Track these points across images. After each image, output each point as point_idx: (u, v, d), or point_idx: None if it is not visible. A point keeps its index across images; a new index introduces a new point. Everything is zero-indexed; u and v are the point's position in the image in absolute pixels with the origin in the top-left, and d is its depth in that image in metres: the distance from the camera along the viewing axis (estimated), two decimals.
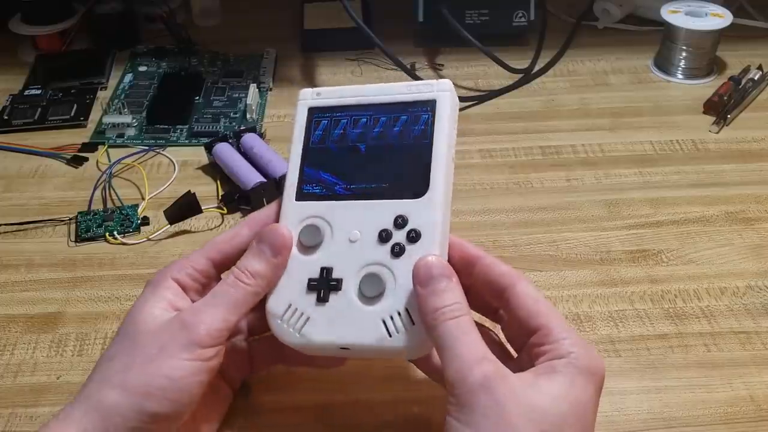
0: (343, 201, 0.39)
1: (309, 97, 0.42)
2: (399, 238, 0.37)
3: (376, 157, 0.40)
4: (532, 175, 0.61)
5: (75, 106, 0.70)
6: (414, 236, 0.37)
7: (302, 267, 0.38)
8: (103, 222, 0.56)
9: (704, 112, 0.68)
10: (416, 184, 0.38)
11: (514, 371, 0.33)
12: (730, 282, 0.51)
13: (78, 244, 0.55)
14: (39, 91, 0.72)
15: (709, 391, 0.44)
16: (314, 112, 0.42)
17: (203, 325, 0.35)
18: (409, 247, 0.37)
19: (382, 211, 0.38)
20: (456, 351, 0.33)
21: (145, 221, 0.57)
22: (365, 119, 0.41)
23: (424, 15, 0.77)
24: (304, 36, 0.80)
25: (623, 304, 0.49)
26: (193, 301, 0.38)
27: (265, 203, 0.58)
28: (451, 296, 0.34)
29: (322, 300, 0.37)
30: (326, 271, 0.37)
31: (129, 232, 0.56)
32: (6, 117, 0.69)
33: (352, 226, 0.38)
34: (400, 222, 0.37)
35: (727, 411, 0.42)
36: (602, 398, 0.43)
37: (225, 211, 0.57)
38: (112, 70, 0.76)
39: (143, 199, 0.59)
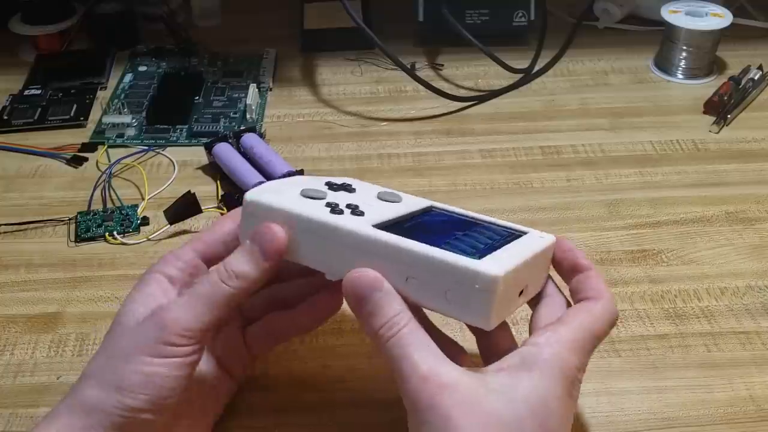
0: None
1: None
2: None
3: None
4: (533, 175, 0.61)
5: (75, 106, 0.70)
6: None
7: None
8: (103, 222, 0.56)
9: (704, 112, 0.68)
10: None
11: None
12: (730, 282, 0.51)
13: (78, 244, 0.55)
14: (39, 91, 0.72)
15: (709, 391, 0.44)
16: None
17: (176, 325, 0.34)
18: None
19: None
20: (402, 372, 0.32)
21: (145, 221, 0.57)
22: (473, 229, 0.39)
23: (424, 15, 0.77)
24: (304, 36, 0.80)
25: (623, 304, 0.49)
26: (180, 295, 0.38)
27: None
28: (383, 312, 0.33)
29: None
30: None
31: (129, 232, 0.56)
32: (6, 117, 0.69)
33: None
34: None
35: (727, 411, 0.42)
36: (602, 398, 0.43)
37: (225, 211, 0.57)
38: (112, 70, 0.76)
39: (143, 199, 0.59)
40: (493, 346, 0.38)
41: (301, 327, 0.43)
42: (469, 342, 0.39)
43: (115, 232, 0.55)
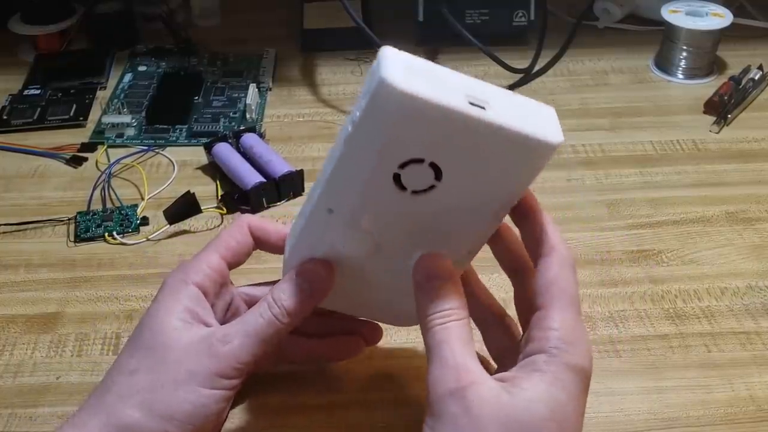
0: None
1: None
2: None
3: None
4: None
5: (74, 106, 0.70)
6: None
7: None
8: (103, 222, 0.56)
9: (704, 112, 0.68)
10: None
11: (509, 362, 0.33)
12: (730, 282, 0.51)
13: (77, 244, 0.55)
14: (38, 91, 0.72)
15: (709, 392, 0.43)
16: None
17: (232, 358, 0.36)
18: None
19: None
20: (437, 356, 0.33)
21: (145, 221, 0.57)
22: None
23: (424, 15, 0.77)
24: (304, 36, 0.79)
25: (623, 304, 0.49)
26: (211, 305, 0.39)
27: (264, 203, 0.58)
28: (444, 301, 0.34)
29: None
30: None
31: (128, 232, 0.56)
32: (5, 117, 0.69)
33: None
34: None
35: (727, 411, 0.42)
36: (602, 398, 0.43)
37: (224, 211, 0.57)
38: (111, 70, 0.76)
39: (142, 199, 0.59)
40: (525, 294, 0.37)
41: (314, 356, 0.44)
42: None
43: (114, 232, 0.55)
